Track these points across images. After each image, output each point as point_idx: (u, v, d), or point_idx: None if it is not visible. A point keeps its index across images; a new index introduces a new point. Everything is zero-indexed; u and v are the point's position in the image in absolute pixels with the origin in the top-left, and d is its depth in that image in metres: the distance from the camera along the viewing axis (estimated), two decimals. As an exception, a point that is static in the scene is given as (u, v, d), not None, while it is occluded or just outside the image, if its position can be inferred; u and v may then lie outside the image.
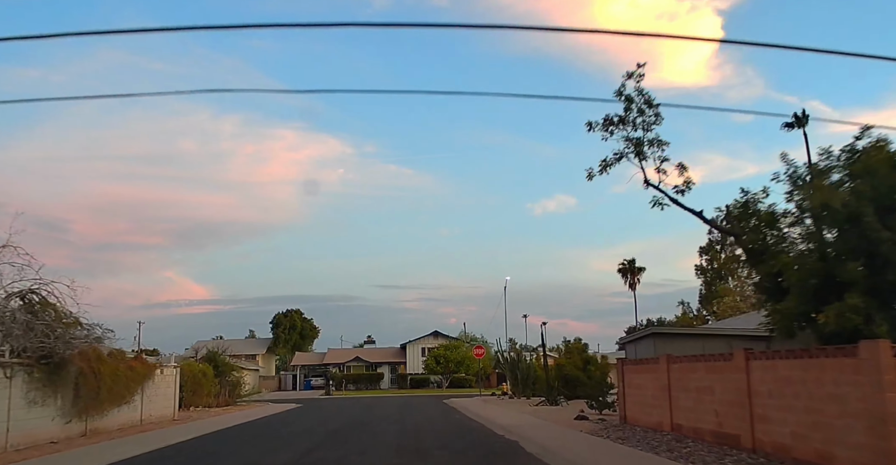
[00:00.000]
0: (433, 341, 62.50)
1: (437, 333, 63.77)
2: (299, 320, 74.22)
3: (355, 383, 60.40)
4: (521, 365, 33.36)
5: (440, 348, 56.07)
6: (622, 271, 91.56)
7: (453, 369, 55.32)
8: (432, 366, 54.89)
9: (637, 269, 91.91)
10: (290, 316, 74.10)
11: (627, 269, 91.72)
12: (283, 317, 73.81)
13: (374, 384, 60.57)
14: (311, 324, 76.67)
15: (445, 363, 54.46)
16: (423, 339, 63.78)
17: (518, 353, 34.32)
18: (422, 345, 63.35)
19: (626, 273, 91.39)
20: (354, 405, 36.87)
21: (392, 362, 63.99)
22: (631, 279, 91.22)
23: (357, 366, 63.31)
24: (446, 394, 50.06)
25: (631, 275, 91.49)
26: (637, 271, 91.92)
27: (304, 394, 55.83)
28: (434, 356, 55.53)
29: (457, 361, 54.93)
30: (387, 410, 30.33)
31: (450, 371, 55.61)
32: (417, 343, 63.66)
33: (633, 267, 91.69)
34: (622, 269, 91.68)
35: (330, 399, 45.57)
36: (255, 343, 74.19)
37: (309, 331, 75.45)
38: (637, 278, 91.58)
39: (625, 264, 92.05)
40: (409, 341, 63.97)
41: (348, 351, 68.49)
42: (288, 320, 73.46)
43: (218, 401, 34.23)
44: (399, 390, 58.37)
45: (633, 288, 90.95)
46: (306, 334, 75.09)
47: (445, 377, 56.23)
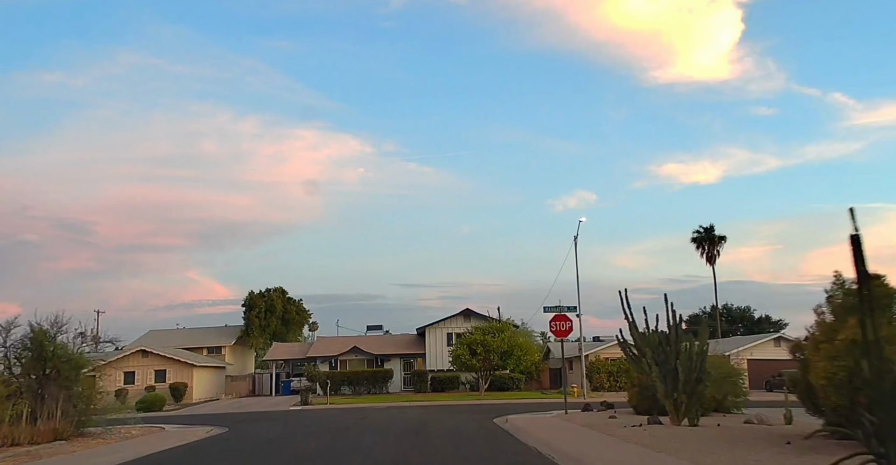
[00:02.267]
0: (463, 324, 43.99)
1: (468, 312, 45.26)
2: (280, 301, 55.95)
3: (352, 384, 42.19)
4: (690, 351, 14.74)
5: (477, 333, 37.38)
6: (697, 241, 72.64)
7: (497, 364, 36.52)
8: (465, 359, 36.38)
9: (717, 238, 72.76)
10: (267, 296, 55.76)
11: (704, 238, 72.83)
12: (258, 297, 55.63)
13: (378, 386, 42.25)
14: (299, 306, 58.44)
15: (485, 354, 35.75)
16: (449, 321, 45.43)
17: (674, 329, 15.37)
18: (447, 329, 44.99)
19: (702, 243, 72.55)
20: (330, 427, 19.31)
21: (405, 354, 45.58)
22: (709, 251, 72.29)
23: (355, 361, 44.88)
24: (489, 402, 31.54)
25: (709, 246, 72.64)
26: (717, 241, 72.74)
27: (275, 402, 37.90)
28: (467, 344, 36.98)
29: (502, 351, 36.17)
30: (385, 450, 12.09)
31: (491, 367, 36.83)
32: (441, 327, 45.23)
33: (712, 236, 72.59)
34: (697, 238, 72.82)
35: (301, 413, 27.75)
36: (220, 333, 56.07)
37: (294, 315, 57.18)
38: (717, 250, 72.48)
39: (700, 232, 73.25)
40: (429, 325, 45.39)
41: (343, 340, 50.20)
42: (265, 301, 55.16)
43: (32, 432, 16.01)
44: (415, 394, 40.28)
45: (712, 262, 71.88)
46: (290, 320, 56.82)
47: (482, 376, 37.48)
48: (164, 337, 55.95)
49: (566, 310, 21.83)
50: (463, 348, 37.01)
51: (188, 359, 45.18)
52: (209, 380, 48.01)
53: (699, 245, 70.92)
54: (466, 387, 43.54)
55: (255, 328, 53.70)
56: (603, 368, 45.36)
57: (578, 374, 49.58)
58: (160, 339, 55.53)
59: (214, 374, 49.38)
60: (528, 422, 19.04)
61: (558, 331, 21.41)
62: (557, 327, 21.36)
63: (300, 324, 58.58)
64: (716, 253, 71.02)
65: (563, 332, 21.43)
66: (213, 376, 49.17)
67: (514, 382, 42.95)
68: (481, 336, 37.14)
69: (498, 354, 36.67)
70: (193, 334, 56.62)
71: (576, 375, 50.19)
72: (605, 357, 46.33)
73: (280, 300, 56.25)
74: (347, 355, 45.12)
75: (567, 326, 21.40)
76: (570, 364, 52.29)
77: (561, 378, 55.90)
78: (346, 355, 45.08)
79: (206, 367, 47.48)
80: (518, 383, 43.08)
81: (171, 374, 45.17)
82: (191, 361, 44.98)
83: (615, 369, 45.28)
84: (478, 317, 43.94)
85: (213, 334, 55.64)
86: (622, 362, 45.58)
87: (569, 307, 21.95)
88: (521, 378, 43.27)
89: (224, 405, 39.08)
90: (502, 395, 37.75)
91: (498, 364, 37.07)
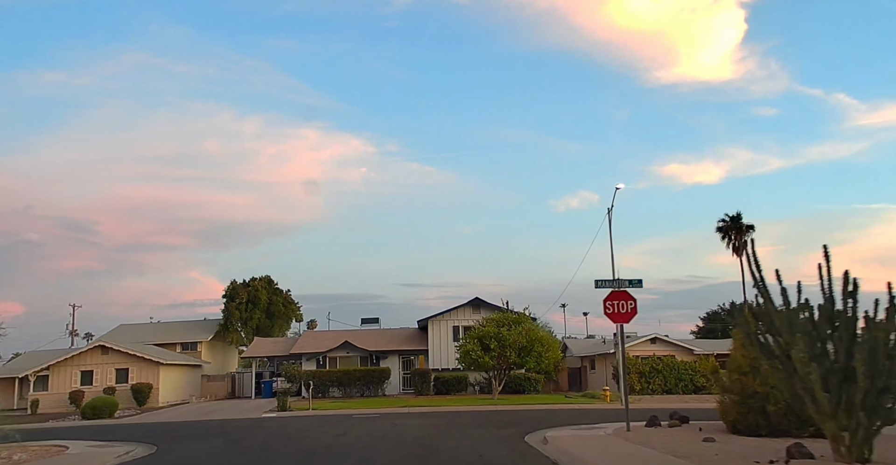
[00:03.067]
0: (471, 316, 37.82)
1: (478, 302, 39.15)
2: (265, 292, 49.70)
3: (342, 385, 36.00)
4: (875, 340, 8.24)
5: (489, 325, 31.23)
6: (723, 230, 66.35)
7: (514, 361, 30.37)
8: (475, 355, 30.24)
9: (745, 227, 66.49)
10: (251, 286, 49.51)
11: (730, 227, 66.59)
12: (241, 287, 49.35)
13: (373, 387, 36.15)
14: (286, 298, 52.21)
15: (500, 350, 29.59)
16: (455, 312, 39.32)
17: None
18: (454, 322, 38.84)
19: (728, 233, 66.28)
20: (291, 451, 13.40)
21: (405, 351, 39.46)
22: (735, 241, 66.04)
23: (347, 358, 38.71)
24: (507, 408, 25.55)
25: (736, 236, 66.34)
26: (745, 230, 66.44)
27: (250, 407, 32.10)
28: (479, 338, 30.78)
29: (520, 346, 30.01)
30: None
31: (507, 365, 30.71)
32: (446, 319, 39.15)
33: (739, 225, 66.35)
34: (723, 227, 66.50)
35: (271, 423, 21.89)
36: (196, 327, 49.88)
37: (280, 307, 50.88)
38: (744, 240, 66.15)
39: (727, 221, 66.98)
40: (432, 316, 39.25)
41: (334, 334, 43.99)
42: (248, 292, 48.91)
43: None
44: (415, 397, 34.32)
45: (739, 253, 65.62)
46: (276, 312, 50.62)
47: (496, 375, 31.34)
48: (135, 332, 49.91)
49: (627, 285, 15.59)
50: (473, 343, 30.89)
51: (154, 356, 39.07)
52: (180, 380, 41.91)
53: (725, 235, 64.65)
54: (475, 389, 37.43)
55: (236, 321, 47.52)
56: (633, 367, 39.24)
57: (602, 375, 43.41)
58: (130, 334, 49.47)
59: (187, 373, 43.26)
60: (581, 445, 12.92)
61: (616, 314, 15.25)
62: (615, 308, 15.20)
63: (287, 317, 52.33)
64: (743, 244, 64.95)
65: (622, 315, 15.27)
66: (186, 375, 43.06)
67: (530, 383, 36.82)
68: (495, 329, 31.03)
69: (515, 349, 30.54)
70: (167, 328, 50.56)
71: (598, 376, 44.02)
72: (635, 355, 40.23)
73: (265, 291, 50.04)
74: (337, 352, 38.97)
75: (629, 306, 15.25)
76: (592, 364, 46.13)
77: (581, 380, 49.82)
78: (335, 351, 38.95)
79: (176, 365, 41.36)
80: (535, 384, 36.95)
81: (135, 373, 39.13)
82: (157, 358, 38.87)
83: (647, 369, 39.20)
84: (489, 308, 37.83)
85: (189, 329, 49.49)
86: (654, 361, 39.51)
87: (631, 281, 15.68)
88: (540, 379, 37.13)
89: (190, 409, 33.02)
90: (519, 399, 31.64)
91: (516, 362, 30.91)
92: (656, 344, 40.83)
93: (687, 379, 38.87)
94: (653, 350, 40.28)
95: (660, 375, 38.83)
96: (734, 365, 14.09)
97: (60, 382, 38.99)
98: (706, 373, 39.66)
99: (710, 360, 40.86)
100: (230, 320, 47.70)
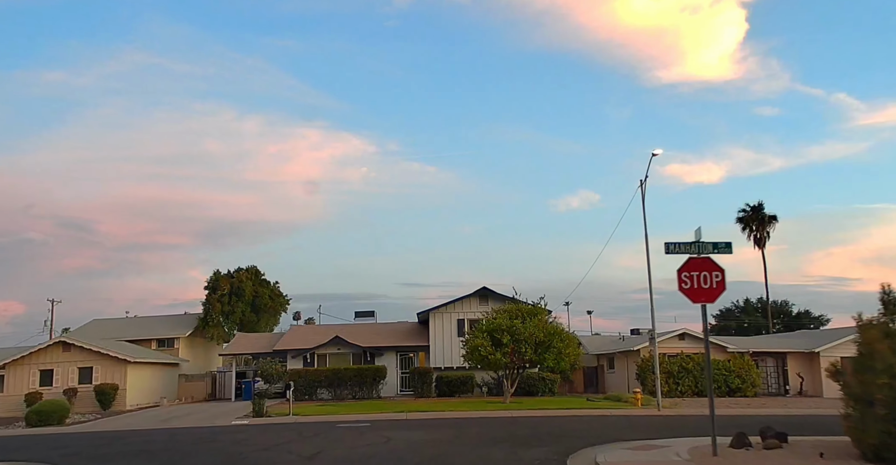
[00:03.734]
0: (478, 308, 33.46)
1: (486, 292, 34.73)
2: (250, 283, 45.22)
3: (332, 385, 31.61)
4: None
5: (501, 317, 26.82)
6: (744, 221, 62.62)
7: (530, 358, 25.96)
8: (485, 352, 25.79)
9: (767, 218, 62.70)
10: (236, 277, 45.04)
11: (752, 218, 62.89)
12: (224, 279, 44.85)
13: (367, 388, 31.81)
14: (274, 290, 47.69)
15: (513, 345, 25.17)
16: (460, 303, 34.93)
17: None
18: (459, 315, 34.46)
19: (750, 224, 62.57)
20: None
21: (403, 347, 35.08)
22: (758, 233, 62.24)
23: (338, 355, 34.28)
24: (525, 415, 21.28)
25: (758, 227, 62.56)
26: (767, 222, 62.65)
27: (224, 411, 28.05)
28: (489, 332, 26.28)
29: (537, 341, 25.61)
30: None
31: (522, 363, 26.32)
32: (450, 311, 34.76)
33: (761, 216, 62.63)
34: (744, 218, 62.74)
35: (236, 435, 17.76)
36: (175, 322, 45.39)
37: (267, 300, 46.36)
38: (767, 232, 62.39)
39: (747, 211, 63.24)
40: (434, 308, 34.81)
41: (324, 329, 39.51)
42: (231, 284, 44.42)
43: None
44: (415, 399, 30.29)
45: (761, 245, 61.87)
46: (262, 306, 46.13)
47: (509, 375, 26.96)
48: (108, 327, 45.56)
49: (711, 250, 11.14)
50: (483, 338, 26.43)
51: (121, 353, 34.66)
52: (153, 380, 37.51)
53: (746, 226, 60.47)
54: (483, 390, 33.05)
55: (217, 315, 43.01)
56: (660, 367, 34.81)
57: (622, 375, 38.91)
58: (103, 329, 45.15)
59: (161, 372, 38.85)
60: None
61: (696, 290, 10.82)
62: (695, 282, 10.79)
63: (275, 312, 47.78)
64: (766, 235, 60.65)
65: (705, 292, 10.85)
66: (160, 375, 38.66)
67: (545, 384, 32.43)
68: (507, 321, 26.57)
69: (531, 345, 26.07)
70: (142, 323, 46.16)
71: (618, 376, 39.50)
72: (662, 353, 35.83)
73: (251, 282, 45.55)
74: (327, 348, 34.51)
75: (715, 279, 10.84)
76: (610, 362, 41.64)
77: (597, 380, 45.31)
78: (325, 347, 34.49)
79: (148, 364, 36.95)
80: (551, 385, 32.58)
81: (99, 372, 34.78)
82: (123, 355, 34.44)
83: (675, 369, 34.88)
84: (498, 299, 33.35)
85: (166, 324, 45.01)
86: (683, 360, 35.08)
87: (716, 245, 11.21)
88: (556, 380, 32.73)
89: (155, 415, 28.63)
90: (535, 402, 27.22)
91: (531, 359, 26.45)
92: (685, 340, 36.44)
93: (720, 380, 34.47)
94: (681, 347, 35.89)
95: (690, 375, 34.50)
96: (882, 363, 9.61)
97: (17, 382, 34.61)
98: (742, 373, 35.36)
99: (746, 358, 36.55)
100: (210, 313, 43.21)
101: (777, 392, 36.38)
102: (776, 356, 37.29)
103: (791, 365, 36.95)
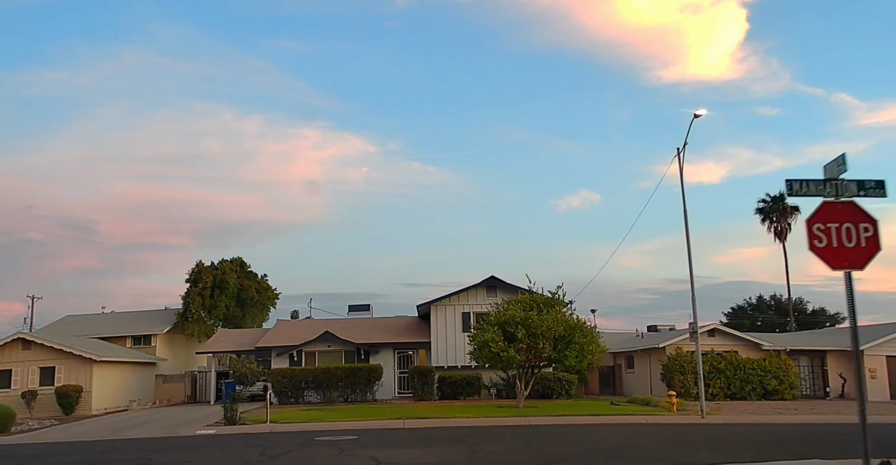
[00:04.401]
0: (486, 300, 29.90)
1: (494, 282, 31.22)
2: (235, 275, 41.47)
3: (321, 387, 27.98)
4: None
5: (514, 307, 23.13)
6: (763, 212, 58.81)
7: (549, 356, 22.31)
8: (496, 348, 22.09)
9: (789, 209, 58.83)
10: (219, 269, 41.30)
11: (772, 209, 59.04)
12: (206, 271, 41.10)
13: (360, 390, 28.26)
14: (262, 284, 43.94)
15: (530, 340, 21.51)
16: (465, 295, 31.42)
17: None
18: (463, 307, 30.90)
19: (769, 215, 58.72)
20: None
21: (401, 343, 31.51)
22: (778, 225, 58.49)
23: (328, 353, 30.65)
24: (548, 422, 17.86)
25: (779, 219, 58.78)
26: (788, 212, 58.80)
27: (197, 417, 24.77)
28: (500, 325, 22.56)
29: (556, 336, 21.98)
30: None
31: (539, 360, 22.69)
32: (454, 304, 31.22)
33: (783, 206, 58.74)
34: (763, 209, 58.93)
35: (175, 457, 13.32)
36: (153, 317, 41.64)
37: (254, 294, 42.70)
38: (788, 223, 58.55)
39: (767, 202, 59.42)
40: (436, 300, 31.16)
41: (311, 323, 35.89)
42: (215, 276, 40.70)
43: None
44: (414, 403, 26.94)
45: (782, 238, 58.07)
46: (248, 300, 42.40)
47: (523, 374, 23.32)
48: (82, 323, 41.91)
49: (856, 191, 7.47)
50: (494, 332, 22.70)
51: (86, 351, 31.03)
52: (124, 381, 33.90)
53: (766, 217, 56.82)
54: (491, 392, 29.44)
55: (196, 309, 39.24)
56: (688, 366, 31.24)
57: (643, 375, 35.25)
58: (75, 326, 41.50)
59: (135, 373, 35.23)
60: None
61: (835, 250, 7.14)
62: (833, 238, 7.12)
63: (262, 306, 44.00)
64: (787, 227, 57.06)
65: (849, 254, 7.14)
66: (133, 375, 35.04)
67: (561, 385, 28.83)
68: (522, 313, 22.86)
69: (550, 340, 22.38)
70: (117, 319, 42.48)
71: (639, 377, 35.85)
72: (689, 351, 32.24)
73: (235, 274, 41.79)
74: (316, 345, 30.83)
75: (866, 234, 7.12)
76: (629, 361, 37.96)
77: (614, 381, 41.69)
78: (313, 344, 30.80)
79: (117, 363, 33.32)
80: (568, 387, 28.98)
81: (63, 373, 31.17)
82: (89, 354, 30.80)
83: (706, 368, 31.15)
84: (507, 290, 29.70)
85: (143, 319, 41.25)
86: (714, 359, 31.42)
87: (863, 185, 7.49)
88: (573, 381, 29.12)
89: (120, 421, 25.11)
90: (553, 407, 23.59)
91: (551, 357, 22.77)
92: (715, 337, 32.84)
93: (755, 381, 30.92)
94: (711, 345, 32.25)
95: (721, 375, 30.93)
96: None
97: (-29, 383, 31.01)
98: (779, 374, 31.74)
99: (783, 357, 32.90)
100: (191, 308, 39.45)
101: (814, 395, 32.78)
102: (811, 355, 33.70)
103: (830, 365, 33.39)
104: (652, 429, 17.04)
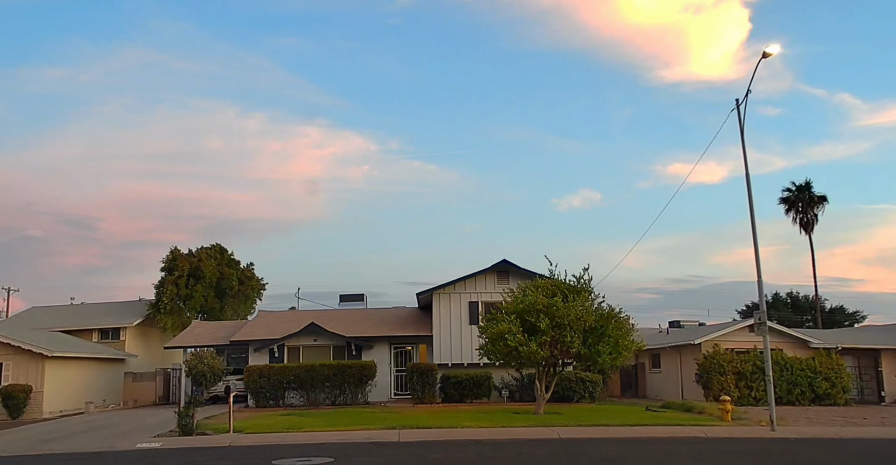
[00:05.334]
0: (497, 287, 26.15)
1: (506, 267, 27.31)
2: (213, 263, 37.44)
3: (304, 387, 24.02)
4: None
5: (533, 293, 19.13)
6: (788, 201, 54.80)
7: (578, 351, 18.29)
8: (515, 341, 18.16)
9: (816, 198, 54.79)
10: (196, 256, 37.26)
11: (797, 198, 54.99)
12: (183, 258, 37.05)
13: (351, 391, 24.48)
14: (245, 273, 39.85)
15: (555, 332, 17.46)
16: (473, 281, 27.55)
17: None
18: (471, 296, 27.02)
19: (795, 205, 54.61)
20: None
21: (398, 338, 27.64)
22: (804, 215, 54.32)
23: (314, 347, 26.76)
24: (583, 436, 13.84)
25: (805, 209, 54.59)
26: (815, 202, 54.71)
27: (149, 424, 20.61)
28: (518, 313, 18.68)
29: (586, 327, 17.97)
30: None
31: (566, 356, 18.67)
32: (460, 292, 27.39)
33: (809, 196, 54.73)
34: (788, 199, 54.95)
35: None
36: (123, 309, 37.64)
37: (235, 284, 38.62)
38: (815, 214, 54.47)
39: (792, 192, 55.39)
40: (439, 287, 27.17)
41: (295, 315, 31.92)
42: (191, 264, 36.64)
43: None
44: (413, 406, 23.06)
45: (808, 230, 53.91)
46: (227, 290, 38.28)
47: (544, 373, 19.28)
48: (48, 316, 38.05)
49: None
50: (510, 322, 18.70)
51: (37, 346, 27.05)
52: (85, 380, 29.99)
53: (791, 207, 52.97)
54: (503, 394, 25.48)
55: (170, 298, 35.16)
56: (728, 365, 27.32)
57: (672, 376, 31.27)
58: (40, 318, 37.66)
59: (99, 370, 31.30)
60: None
61: None
62: None
63: (245, 297, 39.87)
64: (813, 218, 53.24)
65: None
66: (97, 373, 31.12)
67: (584, 387, 24.84)
68: (545, 299, 18.87)
69: (578, 332, 18.41)
70: (85, 311, 38.51)
71: (666, 378, 31.85)
72: (727, 348, 28.30)
73: (213, 261, 37.73)
74: (300, 339, 26.82)
75: None
76: (655, 360, 33.96)
77: (636, 382, 37.71)
78: (297, 337, 26.79)
79: (75, 359, 29.33)
80: (592, 389, 24.99)
81: (11, 371, 27.26)
82: (40, 349, 26.82)
83: (748, 369, 27.47)
84: (521, 275, 25.71)
85: (111, 311, 37.16)
86: (758, 358, 27.43)
87: None
88: (598, 381, 25.16)
89: (66, 426, 21.20)
90: (576, 413, 19.66)
91: (580, 352, 18.77)
92: (756, 333, 28.74)
93: (804, 383, 27.05)
94: (753, 342, 28.15)
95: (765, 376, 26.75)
96: None
97: None
98: (831, 375, 27.79)
99: (833, 356, 28.92)
100: (163, 297, 35.40)
101: (864, 399, 28.87)
102: (858, 354, 29.81)
103: (886, 365, 29.52)
104: (724, 446, 13.14)
